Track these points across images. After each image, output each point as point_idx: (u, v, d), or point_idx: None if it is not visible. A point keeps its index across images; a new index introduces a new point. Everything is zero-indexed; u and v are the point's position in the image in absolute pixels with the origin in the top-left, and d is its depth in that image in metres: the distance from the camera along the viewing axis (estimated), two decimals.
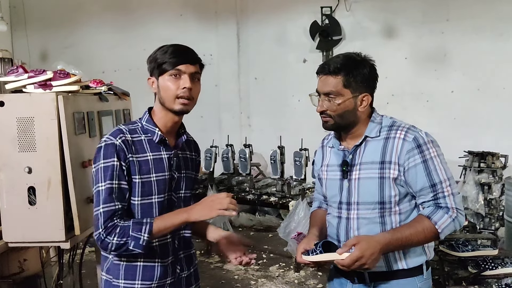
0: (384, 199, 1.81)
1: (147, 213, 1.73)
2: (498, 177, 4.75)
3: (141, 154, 1.73)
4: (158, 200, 1.75)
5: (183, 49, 1.76)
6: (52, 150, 2.28)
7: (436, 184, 1.77)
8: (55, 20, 7.17)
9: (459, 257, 2.74)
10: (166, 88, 1.73)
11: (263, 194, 4.74)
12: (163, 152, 1.78)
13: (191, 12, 6.87)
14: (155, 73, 1.75)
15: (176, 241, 1.83)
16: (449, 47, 6.03)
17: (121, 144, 1.70)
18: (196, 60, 1.76)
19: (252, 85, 6.92)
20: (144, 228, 1.65)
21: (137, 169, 1.71)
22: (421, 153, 1.77)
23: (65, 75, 2.31)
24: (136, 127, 1.78)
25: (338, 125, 1.84)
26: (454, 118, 6.02)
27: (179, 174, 1.82)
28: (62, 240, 2.30)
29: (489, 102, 5.84)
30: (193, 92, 1.74)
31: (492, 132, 5.72)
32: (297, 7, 6.57)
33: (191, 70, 1.73)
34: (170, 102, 1.73)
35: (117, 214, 1.67)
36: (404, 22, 6.18)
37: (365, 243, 1.70)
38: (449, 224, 1.76)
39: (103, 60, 6.85)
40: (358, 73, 1.80)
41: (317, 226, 2.02)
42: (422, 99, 6.21)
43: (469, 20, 5.87)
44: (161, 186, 1.76)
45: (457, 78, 6.01)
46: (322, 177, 2.01)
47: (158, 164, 1.75)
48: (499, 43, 5.78)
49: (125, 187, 1.70)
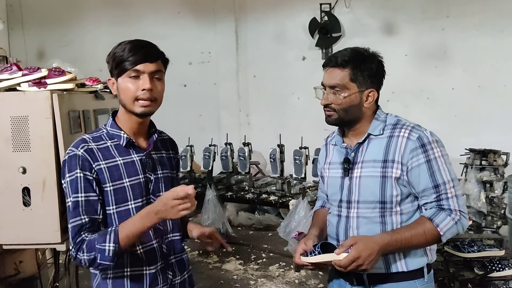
0: (385, 199, 1.77)
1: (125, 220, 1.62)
2: (500, 175, 4.70)
3: (110, 159, 1.64)
4: (135, 205, 1.65)
5: (142, 45, 1.64)
6: (47, 149, 2.23)
7: (439, 185, 1.72)
8: (52, 19, 7.11)
9: (464, 258, 2.69)
10: (125, 90, 1.62)
11: (262, 193, 4.70)
12: (134, 154, 1.68)
13: (189, 9, 6.82)
14: (114, 74, 1.64)
15: (164, 245, 1.73)
16: (450, 44, 5.99)
17: (83, 154, 1.60)
18: (156, 57, 1.64)
19: (251, 83, 6.88)
20: (109, 237, 1.54)
21: (107, 176, 1.62)
22: (425, 153, 1.72)
23: (60, 73, 2.26)
24: (101, 134, 1.69)
25: (342, 120, 1.80)
26: (455, 116, 5.97)
27: (155, 175, 1.72)
28: (57, 242, 2.25)
29: (490, 99, 5.80)
30: (154, 93, 1.63)
31: (493, 129, 5.67)
32: (296, 4, 6.52)
33: (150, 69, 1.61)
34: (130, 104, 1.63)
35: (84, 228, 1.58)
36: (404, 19, 6.13)
37: (362, 243, 1.66)
38: (452, 227, 1.71)
39: (101, 58, 6.53)
40: (366, 67, 1.76)
41: (318, 226, 1.98)
42: (423, 96, 6.16)
43: (470, 17, 5.82)
44: (137, 190, 1.66)
45: (457, 75, 5.97)
46: (324, 175, 1.97)
47: (130, 167, 1.66)
48: (500, 39, 5.74)
49: (94, 199, 1.60)
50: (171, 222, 1.76)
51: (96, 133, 1.70)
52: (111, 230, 1.56)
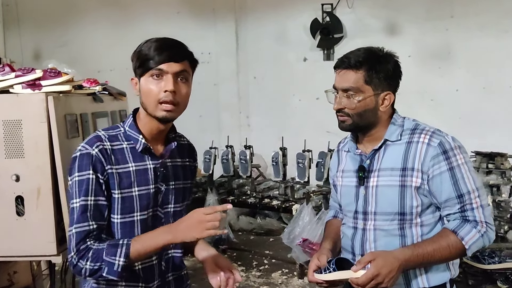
0: (405, 210, 1.65)
1: (128, 233, 1.51)
2: (507, 179, 4.61)
3: (122, 165, 1.51)
4: (140, 217, 1.53)
5: (169, 44, 1.51)
6: (42, 155, 2.12)
7: (463, 194, 1.60)
8: (49, 18, 6.99)
9: (484, 269, 2.57)
10: (147, 91, 1.49)
11: (265, 197, 4.58)
12: (149, 161, 1.55)
13: (188, 9, 6.71)
14: (137, 73, 1.52)
15: (163, 262, 1.61)
16: (454, 44, 5.88)
17: (97, 154, 1.48)
18: (183, 56, 1.51)
19: (251, 84, 6.77)
20: (120, 251, 1.42)
21: (116, 182, 1.49)
22: (447, 160, 1.61)
23: (56, 74, 2.15)
24: (118, 133, 1.56)
25: (356, 125, 1.68)
26: (459, 118, 5.86)
27: (167, 186, 1.59)
28: (53, 254, 2.14)
29: (495, 100, 5.69)
30: (178, 96, 1.49)
31: (498, 131, 5.57)
32: (297, 4, 6.41)
33: (174, 69, 1.48)
34: (152, 108, 1.49)
35: (91, 235, 1.46)
36: (407, 19, 6.03)
37: (382, 259, 1.54)
38: (478, 240, 1.59)
39: (99, 59, 6.67)
40: (382, 68, 1.64)
41: (331, 239, 1.86)
42: (426, 98, 6.06)
43: (474, 17, 5.72)
44: (144, 201, 1.53)
45: (462, 76, 5.87)
46: (337, 184, 1.85)
47: (142, 176, 1.53)
48: (505, 40, 5.63)
49: (103, 204, 1.48)
50: None
51: (113, 131, 1.56)
52: (123, 244, 1.43)
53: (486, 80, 5.75)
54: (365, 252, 1.69)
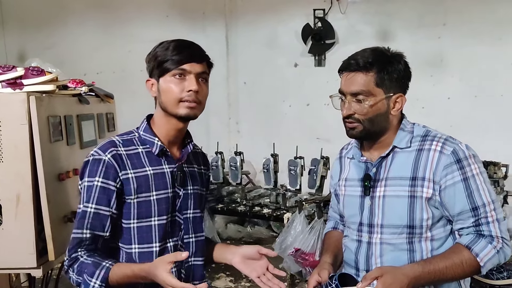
0: (414, 223, 1.54)
1: (146, 238, 1.47)
2: (500, 188, 4.55)
3: (139, 168, 1.48)
4: (159, 222, 1.49)
5: (187, 44, 1.53)
6: (22, 160, 1.97)
7: (478, 207, 1.50)
8: (34, 19, 6.82)
9: (493, 285, 2.47)
10: (168, 90, 1.48)
11: (255, 205, 4.44)
12: (165, 165, 1.52)
13: (178, 12, 6.59)
14: (155, 74, 1.51)
15: (183, 270, 1.55)
16: (446, 52, 5.85)
17: (110, 159, 1.45)
18: (203, 57, 1.53)
19: (241, 89, 6.67)
20: (98, 273, 1.39)
21: (133, 187, 1.46)
22: (461, 169, 1.50)
23: (39, 73, 2.00)
24: (133, 137, 1.54)
25: (368, 131, 1.57)
26: (451, 126, 5.78)
27: (185, 191, 1.56)
28: (33, 267, 1.98)
29: (487, 109, 5.66)
30: (199, 95, 1.50)
31: (490, 140, 5.52)
32: (289, 9, 6.33)
33: (197, 69, 1.50)
34: (173, 106, 1.49)
35: (83, 244, 1.44)
36: (400, 26, 5.99)
37: (390, 276, 1.42)
38: (493, 256, 1.48)
39: (86, 61, 6.52)
40: (393, 69, 1.54)
41: (331, 252, 1.74)
42: (418, 105, 5.98)
43: (467, 25, 5.69)
44: (163, 205, 1.50)
45: (454, 84, 5.83)
46: (339, 193, 1.73)
47: (159, 179, 1.50)
48: (497, 48, 5.61)
49: (105, 213, 1.44)
50: (194, 244, 1.58)
51: (127, 136, 1.54)
52: (104, 266, 1.39)
53: (478, 89, 5.72)
54: (370, 267, 1.58)
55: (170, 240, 1.53)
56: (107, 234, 1.47)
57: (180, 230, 1.55)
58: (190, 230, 1.57)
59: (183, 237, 1.56)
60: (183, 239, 1.56)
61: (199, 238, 1.62)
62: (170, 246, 1.52)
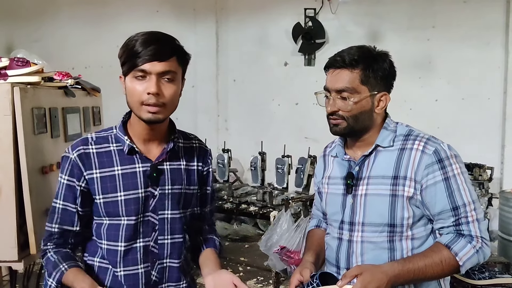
0: (395, 221, 1.55)
1: (113, 236, 1.45)
2: (485, 190, 4.60)
3: (107, 168, 1.44)
4: (128, 222, 1.44)
5: (153, 39, 1.40)
6: (5, 152, 1.95)
7: (458, 207, 1.51)
8: (22, 12, 6.75)
9: (474, 285, 2.48)
10: (131, 91, 1.41)
11: (242, 203, 4.45)
12: (138, 164, 1.47)
13: (168, 8, 6.56)
14: (123, 71, 1.44)
15: (155, 272, 1.50)
16: (434, 54, 5.89)
17: (76, 159, 1.43)
18: (168, 54, 1.40)
19: (230, 87, 6.66)
20: (54, 274, 1.43)
21: (98, 187, 1.43)
22: (442, 169, 1.51)
23: (24, 64, 1.98)
24: (109, 134, 1.50)
25: (351, 128, 1.57)
26: (438, 127, 5.85)
27: (161, 190, 1.49)
28: (14, 260, 1.96)
29: (474, 112, 5.72)
30: (162, 98, 1.40)
31: (476, 142, 5.58)
32: (280, 8, 6.33)
33: (158, 69, 1.39)
34: (137, 109, 1.42)
35: (53, 238, 1.47)
36: (390, 28, 6.01)
37: (369, 274, 1.42)
38: (472, 256, 1.49)
39: (73, 56, 6.46)
40: (379, 67, 1.54)
41: (313, 251, 1.73)
42: (406, 107, 6.03)
43: (456, 28, 5.74)
44: (131, 206, 1.45)
45: (441, 86, 5.88)
46: (323, 191, 1.73)
47: (128, 179, 1.45)
48: (485, 52, 5.66)
49: (71, 210, 1.46)
50: (169, 246, 1.51)
51: (105, 133, 1.51)
52: (60, 269, 1.42)
53: (465, 91, 5.77)
54: (351, 265, 1.59)
55: (141, 241, 1.48)
56: (77, 229, 1.48)
57: (154, 231, 1.49)
58: (166, 231, 1.51)
59: (157, 238, 1.50)
60: (156, 240, 1.50)
61: (176, 240, 1.54)
62: (140, 246, 1.47)
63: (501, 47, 5.59)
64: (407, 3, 5.92)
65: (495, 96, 5.65)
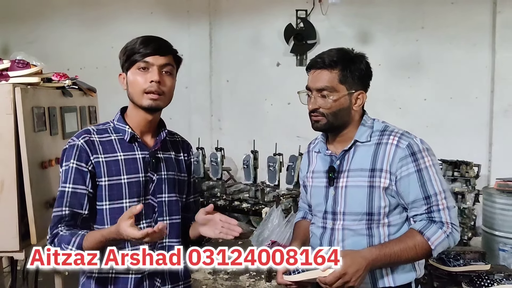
0: (373, 210, 1.67)
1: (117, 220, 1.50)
2: (471, 187, 4.73)
3: (110, 154, 1.58)
4: (130, 204, 1.57)
5: (153, 39, 1.62)
6: (7, 148, 2.06)
7: (430, 196, 1.63)
8: (18, 13, 6.81)
9: (449, 271, 2.61)
10: (133, 82, 1.59)
11: (235, 200, 4.57)
12: (138, 151, 1.62)
13: (162, 10, 6.65)
14: (125, 68, 1.62)
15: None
16: (423, 55, 6.00)
17: (83, 144, 1.56)
18: (167, 51, 1.62)
19: (224, 87, 6.75)
20: (74, 240, 1.48)
21: (104, 170, 1.56)
22: (415, 162, 1.64)
23: (24, 65, 2.10)
24: (108, 127, 1.65)
25: (331, 124, 1.69)
26: (427, 126, 5.98)
27: (159, 176, 1.64)
28: (15, 250, 2.07)
29: (461, 111, 5.83)
30: (163, 86, 1.59)
31: (463, 141, 5.71)
32: (272, 9, 6.43)
33: (160, 62, 1.59)
34: (138, 97, 1.59)
35: (63, 221, 1.53)
36: (379, 29, 6.13)
37: (349, 258, 1.55)
38: (443, 240, 1.62)
39: (69, 57, 6.53)
40: (356, 68, 1.67)
41: (300, 240, 1.87)
42: (395, 106, 6.16)
43: (444, 29, 5.86)
44: (134, 188, 1.59)
45: (430, 86, 5.99)
46: (307, 184, 1.86)
47: (131, 164, 1.60)
48: (473, 53, 5.78)
49: (81, 192, 1.55)
50: (168, 226, 1.64)
51: (103, 126, 1.66)
52: (79, 234, 1.49)
53: (453, 91, 5.88)
54: None
55: (144, 222, 1.61)
56: (86, 212, 1.56)
57: (154, 213, 1.62)
58: (164, 212, 1.64)
59: (157, 219, 1.64)
60: (156, 220, 1.63)
61: (174, 221, 1.67)
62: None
63: (488, 47, 5.71)
64: (397, 5, 6.03)
65: (483, 95, 5.78)
